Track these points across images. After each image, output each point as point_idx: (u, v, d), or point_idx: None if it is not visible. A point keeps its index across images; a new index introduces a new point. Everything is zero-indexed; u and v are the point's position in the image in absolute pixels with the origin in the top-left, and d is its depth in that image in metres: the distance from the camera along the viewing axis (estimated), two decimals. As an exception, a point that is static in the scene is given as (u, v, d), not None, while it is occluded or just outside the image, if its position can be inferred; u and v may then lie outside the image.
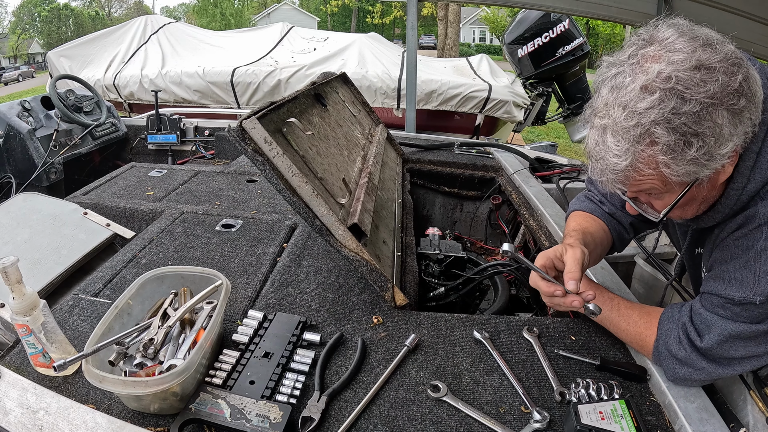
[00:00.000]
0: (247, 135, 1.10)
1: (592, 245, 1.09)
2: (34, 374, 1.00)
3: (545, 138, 8.76)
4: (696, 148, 0.73)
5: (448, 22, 14.66)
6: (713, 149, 0.73)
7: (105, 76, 5.63)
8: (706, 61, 0.71)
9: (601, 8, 3.30)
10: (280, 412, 0.88)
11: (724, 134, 0.73)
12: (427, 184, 2.54)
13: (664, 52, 0.74)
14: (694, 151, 0.73)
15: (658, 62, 0.73)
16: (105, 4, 47.10)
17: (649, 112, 0.72)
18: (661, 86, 0.72)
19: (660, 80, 0.72)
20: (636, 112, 0.73)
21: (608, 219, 1.22)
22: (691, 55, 0.72)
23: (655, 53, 0.75)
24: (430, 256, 1.77)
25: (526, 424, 0.90)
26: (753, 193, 0.82)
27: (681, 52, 0.73)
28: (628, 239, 1.27)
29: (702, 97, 0.70)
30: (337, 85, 2.15)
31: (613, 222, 1.22)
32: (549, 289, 0.94)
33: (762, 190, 0.82)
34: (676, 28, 0.77)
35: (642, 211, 0.91)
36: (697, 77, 0.71)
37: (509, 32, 4.76)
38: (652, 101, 0.72)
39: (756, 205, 0.83)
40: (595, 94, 0.82)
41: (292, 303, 1.26)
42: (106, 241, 1.71)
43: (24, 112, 2.69)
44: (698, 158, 0.74)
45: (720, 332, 0.87)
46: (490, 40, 39.15)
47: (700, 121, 0.71)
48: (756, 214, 0.82)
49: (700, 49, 0.72)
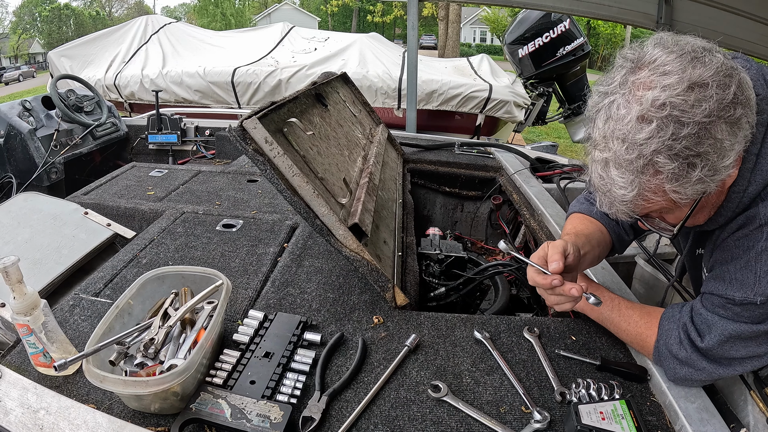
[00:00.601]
0: (247, 135, 1.10)
1: (588, 246, 1.09)
2: (35, 374, 1.00)
3: (546, 138, 8.76)
4: (700, 168, 0.72)
5: (448, 22, 14.65)
6: (717, 164, 0.73)
7: (106, 76, 5.65)
8: (698, 79, 0.70)
9: (601, 8, 3.30)
10: (281, 412, 0.88)
11: (725, 147, 0.72)
12: (427, 184, 2.54)
13: (655, 77, 0.73)
14: (698, 172, 0.72)
15: (650, 89, 0.72)
16: (106, 4, 47.14)
17: (650, 143, 0.72)
18: (657, 115, 0.71)
19: (655, 108, 0.71)
20: (636, 143, 0.73)
21: (606, 221, 1.22)
22: (682, 76, 0.71)
23: (646, 80, 0.74)
24: (430, 256, 1.77)
25: (527, 424, 0.90)
26: (754, 195, 0.82)
27: (672, 75, 0.71)
28: (629, 240, 1.26)
29: (699, 118, 0.70)
30: (337, 85, 2.15)
31: (612, 224, 1.22)
32: (546, 281, 0.93)
33: (763, 191, 0.82)
34: (663, 46, 0.75)
35: (655, 228, 0.90)
36: (691, 99, 0.70)
37: (510, 32, 4.76)
38: (650, 131, 0.71)
39: (757, 206, 0.83)
40: (591, 123, 0.81)
41: (293, 303, 1.26)
42: (107, 240, 1.72)
43: (25, 112, 2.69)
44: (704, 177, 0.73)
45: (721, 332, 0.87)
46: (491, 40, 39.15)
47: (700, 141, 0.71)
48: (756, 214, 0.82)
49: (690, 66, 0.71)
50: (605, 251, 1.21)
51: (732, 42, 2.88)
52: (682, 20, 3.01)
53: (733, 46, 2.90)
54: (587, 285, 0.94)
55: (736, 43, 2.83)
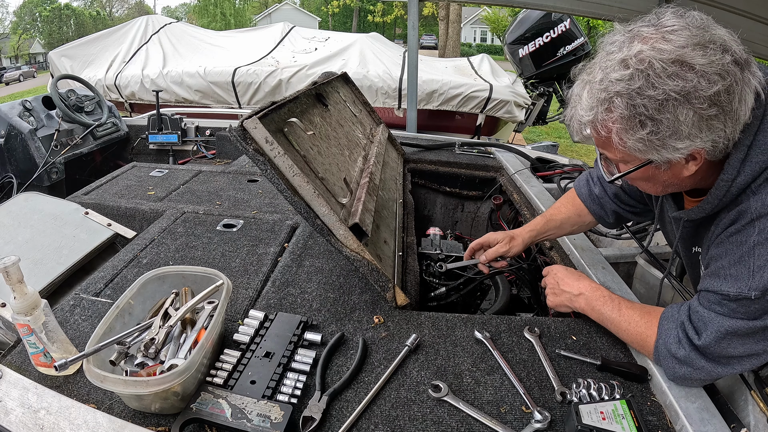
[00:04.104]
0: (248, 135, 1.10)
1: (554, 230, 1.44)
2: (35, 374, 1.00)
3: (546, 138, 8.75)
4: (648, 131, 0.79)
5: (449, 21, 14.66)
6: (666, 139, 0.79)
7: (106, 76, 5.64)
8: (689, 60, 0.74)
9: (602, 8, 3.30)
10: (281, 412, 0.88)
11: (682, 130, 0.77)
12: (428, 184, 2.54)
13: (655, 37, 0.78)
14: (644, 133, 0.79)
15: (644, 43, 0.78)
16: (106, 4, 47.16)
17: (618, 83, 0.78)
18: (635, 66, 0.77)
19: (636, 60, 0.77)
20: (608, 78, 0.80)
21: (590, 203, 1.38)
22: (677, 49, 0.75)
23: (647, 35, 0.79)
24: (431, 255, 1.77)
25: (527, 424, 0.90)
26: (743, 185, 0.83)
27: (670, 44, 0.76)
28: (610, 224, 1.41)
29: (669, 89, 0.74)
30: (338, 85, 2.15)
31: (595, 207, 1.37)
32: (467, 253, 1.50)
33: (753, 183, 0.82)
34: (688, 20, 0.79)
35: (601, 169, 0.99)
36: (670, 70, 0.75)
37: (510, 32, 4.76)
38: (623, 75, 0.78)
39: (748, 200, 0.83)
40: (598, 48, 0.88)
41: (293, 303, 1.26)
42: (107, 240, 1.72)
43: (25, 112, 2.69)
44: (648, 140, 0.80)
45: (717, 329, 0.87)
46: (491, 40, 39.13)
47: (659, 110, 0.76)
48: (748, 209, 0.82)
49: (691, 47, 0.75)
50: (580, 229, 1.49)
51: (732, 42, 2.87)
52: (682, 20, 3.00)
53: (733, 45, 2.89)
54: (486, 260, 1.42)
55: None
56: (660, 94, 0.75)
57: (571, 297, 1.16)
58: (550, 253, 1.65)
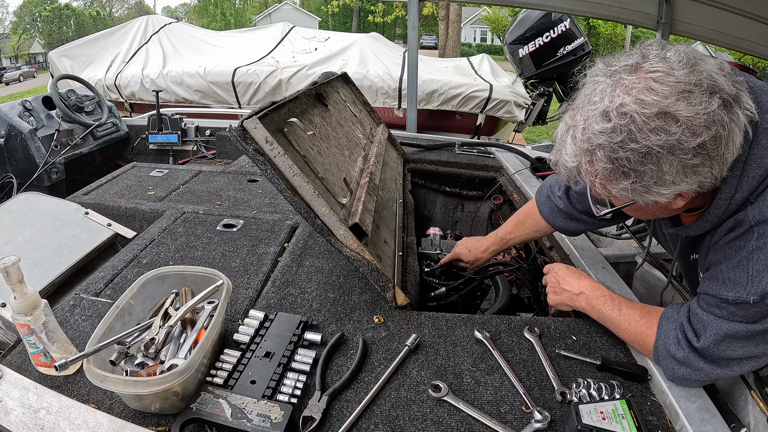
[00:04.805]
0: (248, 135, 1.10)
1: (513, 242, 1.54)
2: (36, 374, 1.00)
3: (546, 138, 8.75)
4: (632, 180, 0.77)
5: (449, 21, 14.66)
6: (651, 187, 0.77)
7: (106, 76, 5.65)
8: (674, 112, 0.71)
9: (602, 8, 3.30)
10: (281, 412, 0.88)
11: (665, 179, 0.76)
12: (428, 184, 2.54)
13: (639, 87, 0.74)
14: (628, 183, 0.78)
15: (628, 94, 0.74)
16: (106, 4, 47.15)
17: (599, 136, 0.76)
18: (617, 120, 0.74)
19: (618, 114, 0.74)
20: (589, 129, 0.78)
21: (554, 219, 1.37)
22: (661, 100, 0.71)
23: (631, 84, 0.75)
24: (431, 255, 1.77)
25: (527, 424, 0.90)
26: (741, 201, 0.82)
27: (654, 94, 0.72)
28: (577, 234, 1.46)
29: (652, 144, 0.73)
30: (338, 85, 2.15)
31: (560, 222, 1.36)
32: None
33: (750, 196, 0.82)
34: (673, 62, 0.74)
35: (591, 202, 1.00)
36: (653, 124, 0.72)
37: (510, 32, 4.76)
38: (604, 128, 0.75)
39: (745, 209, 0.83)
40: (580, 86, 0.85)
41: (293, 303, 1.26)
42: (107, 240, 1.72)
43: (25, 112, 2.69)
44: (633, 189, 0.79)
45: (716, 332, 0.87)
46: (491, 40, 39.12)
47: (642, 161, 0.75)
48: (746, 217, 0.82)
49: (675, 96, 0.71)
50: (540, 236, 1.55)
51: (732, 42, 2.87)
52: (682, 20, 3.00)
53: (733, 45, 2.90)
54: None
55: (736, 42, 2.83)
56: (642, 148, 0.73)
57: (571, 296, 1.16)
58: (550, 253, 1.65)
